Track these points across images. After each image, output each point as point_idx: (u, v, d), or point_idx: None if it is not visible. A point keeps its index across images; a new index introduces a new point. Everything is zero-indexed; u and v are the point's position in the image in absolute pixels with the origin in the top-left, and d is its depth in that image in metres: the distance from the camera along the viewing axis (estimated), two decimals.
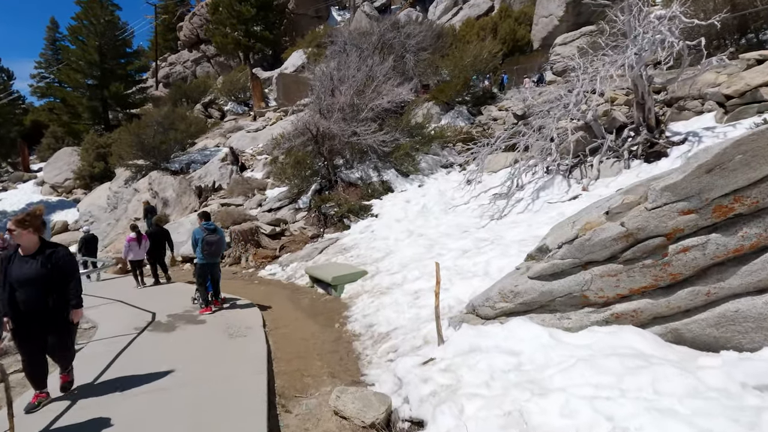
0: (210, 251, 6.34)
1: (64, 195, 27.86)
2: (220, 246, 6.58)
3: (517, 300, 3.69)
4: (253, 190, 16.34)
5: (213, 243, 6.35)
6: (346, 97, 13.11)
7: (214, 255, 6.44)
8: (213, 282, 6.62)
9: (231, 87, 31.77)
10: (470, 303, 4.30)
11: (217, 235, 6.45)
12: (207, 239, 6.28)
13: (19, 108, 42.79)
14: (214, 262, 6.50)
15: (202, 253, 6.32)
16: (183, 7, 54.66)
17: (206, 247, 6.29)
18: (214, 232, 6.42)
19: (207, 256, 6.34)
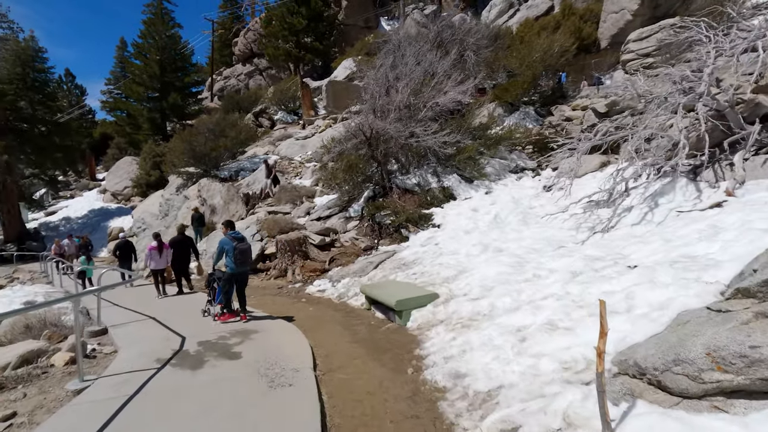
0: (242, 260, 6.23)
1: (122, 202, 28.81)
2: (249, 253, 6.51)
3: (752, 372, 2.11)
4: (301, 197, 15.45)
5: (244, 251, 6.24)
6: (403, 96, 11.87)
7: (245, 263, 6.33)
8: (240, 292, 6.44)
9: (281, 96, 31.79)
10: (631, 361, 2.74)
11: (246, 243, 6.38)
12: (239, 248, 6.17)
13: (90, 122, 45.81)
14: (244, 270, 6.41)
15: (234, 263, 6.17)
16: (238, 24, 56.83)
17: (239, 256, 6.15)
18: (243, 241, 6.32)
19: (240, 264, 6.21)
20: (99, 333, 6.09)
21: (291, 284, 9.42)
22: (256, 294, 8.87)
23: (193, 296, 8.86)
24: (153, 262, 9.10)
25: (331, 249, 10.57)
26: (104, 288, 6.25)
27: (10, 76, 22.14)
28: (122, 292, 9.71)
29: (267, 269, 10.95)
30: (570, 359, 3.23)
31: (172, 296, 9.12)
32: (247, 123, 24.83)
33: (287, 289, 9.08)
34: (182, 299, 8.88)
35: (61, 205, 30.57)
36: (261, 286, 9.75)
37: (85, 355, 5.02)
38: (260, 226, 13.06)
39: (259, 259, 11.23)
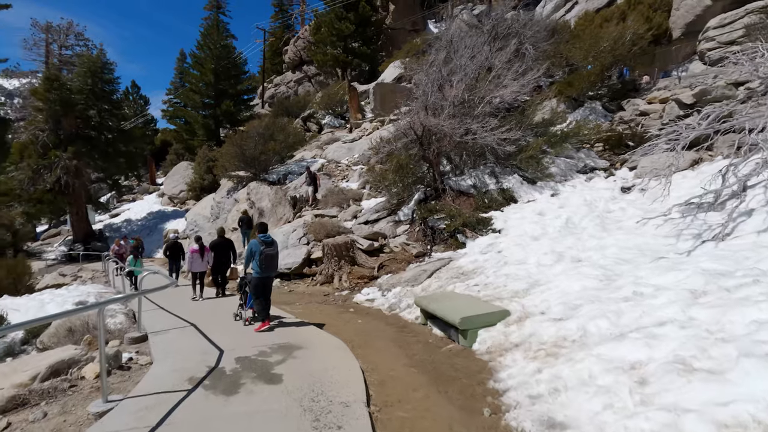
0: (268, 265, 6.09)
1: (178, 205, 30.00)
2: (276, 258, 6.35)
3: None
4: (348, 200, 14.97)
5: (271, 256, 6.12)
6: (458, 90, 11.01)
7: (272, 268, 6.22)
8: (266, 297, 6.25)
9: (329, 100, 31.86)
10: None
11: (274, 248, 6.23)
12: (266, 252, 6.03)
13: (152, 130, 48.71)
14: (269, 275, 6.26)
15: (260, 267, 6.02)
16: (289, 33, 58.43)
17: (265, 261, 6.02)
18: (271, 245, 6.17)
19: (265, 269, 6.07)
20: (139, 340, 5.76)
21: (338, 291, 8.82)
22: (301, 301, 8.35)
23: (233, 299, 8.60)
24: (193, 265, 9.23)
25: (379, 255, 9.89)
26: (144, 292, 5.92)
27: (81, 86, 23.68)
28: (168, 292, 9.61)
29: (313, 274, 10.47)
30: (733, 422, 2.27)
31: (211, 299, 9.18)
32: (295, 127, 24.93)
33: (334, 296, 8.49)
34: (222, 302, 8.72)
35: (124, 208, 32.42)
36: (307, 293, 9.25)
37: (119, 366, 4.64)
38: (307, 229, 12.67)
39: (305, 264, 10.79)
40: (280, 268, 10.91)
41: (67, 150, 22.13)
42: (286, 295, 9.23)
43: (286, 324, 6.32)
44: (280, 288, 10.07)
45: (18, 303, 8.37)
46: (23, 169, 21.64)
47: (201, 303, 8.84)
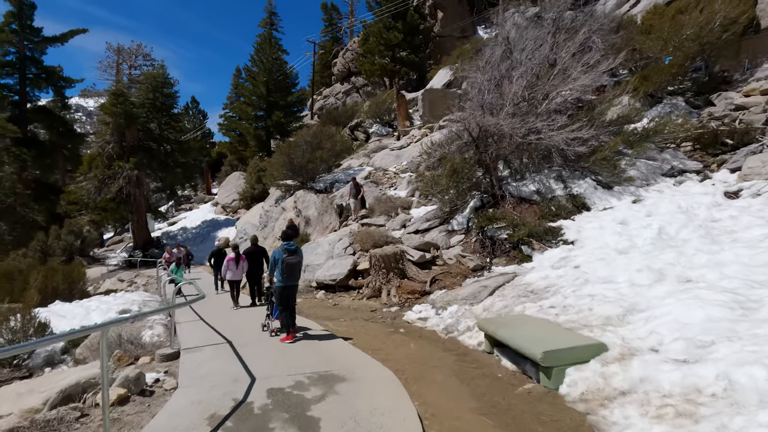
0: (289, 273, 5.94)
1: (230, 214, 30.78)
2: (298, 267, 6.16)
3: None
4: (397, 209, 14.20)
5: (293, 265, 5.96)
6: (519, 86, 9.95)
7: (291, 277, 6.03)
8: (290, 308, 6.04)
9: (376, 109, 31.57)
10: None
11: (296, 257, 6.04)
12: (288, 261, 5.88)
13: (209, 142, 51.14)
14: (292, 284, 6.07)
15: (282, 276, 5.90)
16: (338, 46, 59.51)
17: (286, 270, 5.89)
18: (294, 254, 6.00)
19: (286, 278, 5.94)
20: (171, 357, 5.25)
21: (386, 307, 7.99)
22: (346, 317, 7.61)
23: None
24: (230, 273, 9.29)
25: (431, 267, 8.97)
26: (172, 307, 5.43)
27: (144, 101, 24.98)
28: (211, 299, 9.64)
29: (359, 287, 9.74)
30: None
31: (246, 307, 9.14)
32: (342, 135, 24.73)
33: (381, 313, 7.66)
34: (256, 312, 8.31)
35: (181, 216, 33.84)
36: (353, 307, 8.50)
37: (140, 390, 4.08)
38: (353, 238, 12.03)
39: (351, 276, 10.10)
40: (325, 280, 10.32)
41: (129, 161, 23.30)
42: (330, 309, 8.55)
43: (323, 337, 5.61)
44: (324, 301, 9.42)
45: (66, 309, 8.35)
46: (91, 179, 23.01)
47: (238, 312, 8.78)
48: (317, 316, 7.92)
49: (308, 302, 9.53)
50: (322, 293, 10.08)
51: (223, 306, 9.26)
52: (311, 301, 9.57)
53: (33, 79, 31.86)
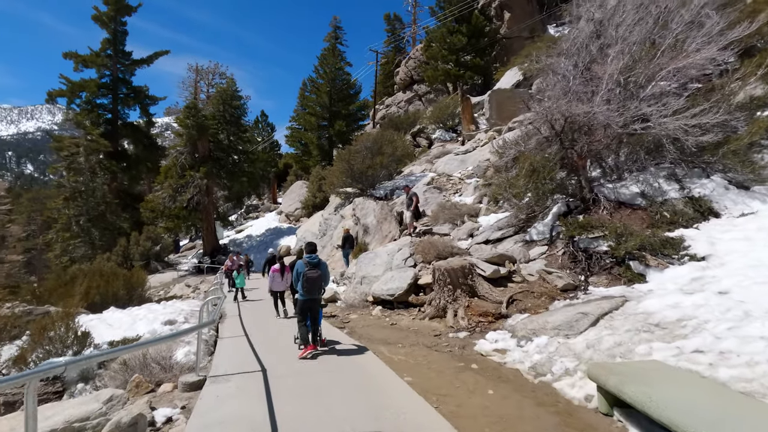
0: (308, 288, 5.82)
1: (293, 222, 31.09)
2: (318, 282, 5.94)
3: None
4: (462, 216, 12.78)
5: (311, 279, 5.80)
6: (614, 68, 8.18)
7: (312, 292, 5.88)
8: (312, 320, 5.94)
9: (439, 114, 30.34)
10: None
11: (317, 271, 5.86)
12: (308, 275, 5.77)
13: (276, 154, 53.09)
14: (312, 298, 5.92)
15: (302, 289, 5.84)
16: (400, 55, 59.34)
17: (306, 284, 5.79)
18: (315, 267, 5.85)
19: (306, 292, 5.84)
20: (195, 386, 4.40)
21: (452, 331, 6.65)
22: (405, 341, 6.40)
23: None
24: (273, 284, 9.21)
25: (507, 284, 7.48)
26: (185, 332, 4.55)
27: (214, 113, 26.03)
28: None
29: (420, 304, 8.48)
30: None
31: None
32: (404, 140, 23.79)
33: (447, 339, 6.34)
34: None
35: (247, 225, 34.95)
36: (413, 329, 7.27)
37: (151, 424, 3.18)
38: (414, 248, 10.83)
39: (412, 291, 8.88)
40: (382, 294, 9.21)
41: (200, 170, 24.24)
42: (386, 330, 7.38)
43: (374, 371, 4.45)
44: (381, 319, 8.29)
45: (115, 317, 8.09)
46: (165, 189, 24.25)
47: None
48: (371, 338, 6.80)
49: (363, 320, 8.45)
50: (378, 309, 8.97)
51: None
52: (366, 319, 8.48)
53: (123, 98, 34.97)
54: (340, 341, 6.41)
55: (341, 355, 5.55)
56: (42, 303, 9.67)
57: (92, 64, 33.41)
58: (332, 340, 6.43)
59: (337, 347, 6.04)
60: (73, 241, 29.85)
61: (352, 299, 10.58)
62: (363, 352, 5.66)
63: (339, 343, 6.26)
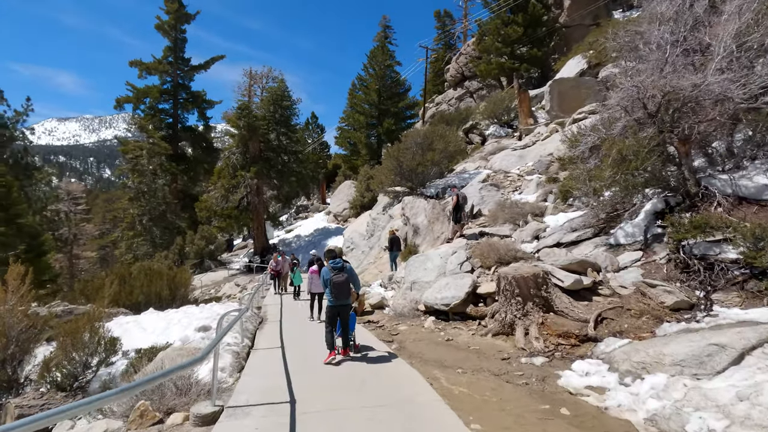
0: (336, 293, 5.61)
1: (341, 223, 30.69)
2: (346, 286, 5.67)
3: None
4: (525, 215, 11.34)
5: (338, 283, 5.59)
6: (732, 27, 6.49)
7: (340, 296, 5.65)
8: (342, 325, 5.73)
9: (494, 108, 28.57)
10: None
11: (343, 274, 5.65)
12: (334, 280, 5.60)
13: (326, 155, 53.46)
14: (341, 303, 5.68)
15: (330, 295, 5.65)
16: (450, 52, 57.67)
17: (333, 289, 5.60)
18: (340, 272, 5.65)
19: (335, 297, 5.63)
20: (206, 420, 3.58)
21: (525, 355, 5.40)
22: (465, 365, 5.24)
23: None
24: (312, 285, 8.91)
25: (592, 298, 6.08)
26: (188, 365, 3.66)
27: (265, 113, 26.18)
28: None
29: (481, 317, 7.28)
30: None
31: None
32: (456, 135, 22.45)
33: (519, 365, 5.11)
34: None
35: (296, 225, 35.13)
36: (473, 347, 6.09)
37: None
38: (471, 252, 9.61)
39: (470, 301, 7.69)
40: (435, 303, 8.09)
41: (250, 170, 24.38)
42: (441, 347, 6.26)
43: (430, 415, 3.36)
44: (434, 333, 7.18)
45: (150, 320, 7.67)
46: (218, 189, 24.67)
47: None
48: (423, 357, 5.72)
49: (414, 332, 7.39)
50: (431, 321, 7.86)
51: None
52: (417, 332, 7.40)
53: (183, 102, 36.48)
54: (378, 349, 5.92)
55: (386, 381, 4.54)
56: (88, 302, 9.58)
57: (155, 71, 35.15)
58: (366, 345, 6.31)
59: (379, 363, 5.08)
60: (136, 240, 31.43)
61: (401, 307, 9.56)
62: (414, 380, 4.60)
63: (373, 350, 6.02)
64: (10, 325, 5.55)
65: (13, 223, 16.99)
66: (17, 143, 24.86)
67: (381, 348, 6.17)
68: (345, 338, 5.76)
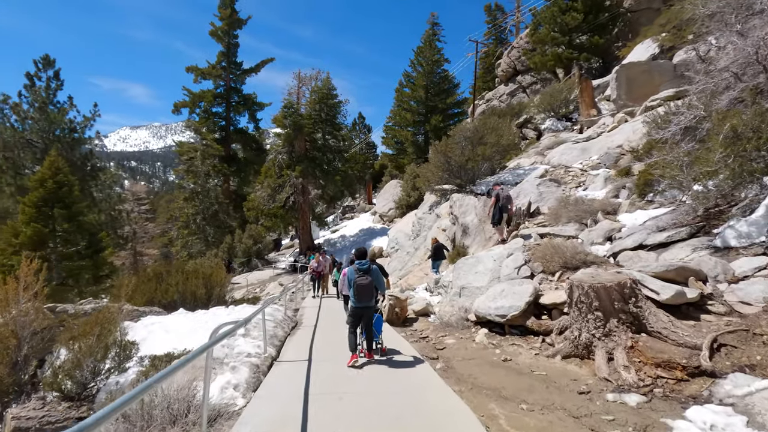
0: (359, 295, 5.50)
1: (386, 223, 29.88)
2: (369, 289, 5.51)
3: None
4: (594, 213, 9.82)
5: (361, 286, 5.46)
6: None
7: (363, 299, 5.51)
8: (366, 328, 5.61)
9: (551, 100, 26.46)
10: None
11: (367, 277, 5.48)
12: (357, 281, 5.46)
13: (372, 155, 53.05)
14: (363, 305, 5.54)
15: (354, 296, 5.55)
16: (501, 46, 55.26)
17: (356, 291, 5.49)
18: (364, 274, 5.49)
19: (357, 299, 5.52)
20: None
21: (611, 388, 4.15)
22: (531, 398, 4.09)
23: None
24: (345, 286, 7.97)
25: (699, 316, 4.68)
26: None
27: (310, 111, 25.98)
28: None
29: (545, 332, 6.03)
30: None
31: None
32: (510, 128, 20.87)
33: (604, 402, 3.88)
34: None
35: (342, 225, 34.80)
36: (538, 372, 4.90)
37: None
38: (530, 254, 8.33)
39: (530, 311, 6.45)
40: (488, 314, 6.93)
41: (295, 169, 24.21)
42: (497, 370, 5.12)
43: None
44: (487, 349, 6.03)
45: (177, 322, 7.16)
46: (264, 188, 24.74)
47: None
48: (475, 382, 4.63)
49: (463, 347, 6.28)
50: (483, 334, 6.70)
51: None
52: (467, 347, 6.28)
53: (235, 105, 37.50)
54: (417, 367, 4.72)
55: (426, 421, 3.52)
56: (127, 300, 9.38)
57: (209, 75, 36.38)
58: (392, 349, 6.01)
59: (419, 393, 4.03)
60: (190, 238, 32.57)
61: (448, 315, 8.46)
62: (463, 419, 3.54)
63: (411, 366, 5.27)
64: (23, 325, 5.15)
65: (75, 220, 17.72)
66: (85, 146, 26.42)
67: (425, 371, 5.15)
68: (369, 341, 5.62)
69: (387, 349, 5.95)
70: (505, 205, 10.65)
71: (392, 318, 8.90)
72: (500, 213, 10.69)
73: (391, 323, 8.83)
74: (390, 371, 4.97)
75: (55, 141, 24.71)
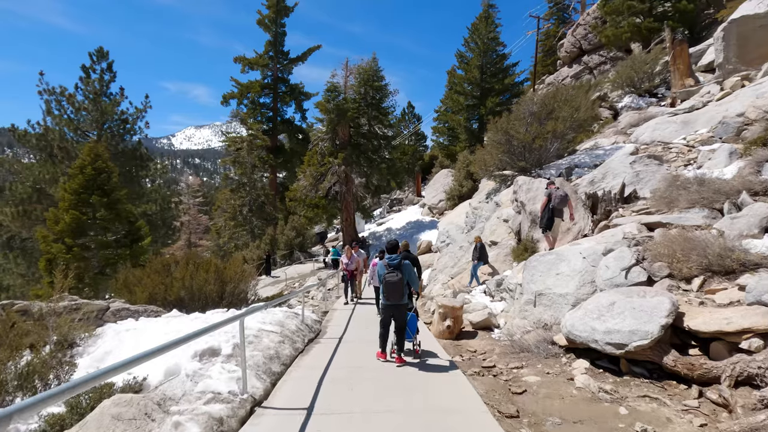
0: (387, 293, 5.06)
1: (436, 215, 27.52)
2: (398, 286, 5.01)
3: None
4: (733, 195, 6.99)
5: (390, 283, 5.01)
6: None
7: (392, 297, 5.05)
8: (398, 330, 5.16)
9: (631, 73, 22.68)
10: None
11: (396, 274, 5.02)
12: (386, 278, 5.03)
13: (422, 145, 50.62)
14: (393, 304, 5.08)
15: (382, 294, 5.17)
16: (564, 26, 50.44)
17: (384, 288, 5.08)
18: (394, 270, 5.04)
19: (385, 297, 5.12)
20: None
21: None
22: None
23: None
24: (375, 279, 7.87)
25: None
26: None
27: (355, 95, 24.21)
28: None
29: (703, 380, 3.58)
30: None
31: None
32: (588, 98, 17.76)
33: None
34: None
35: (389, 218, 32.85)
36: None
37: None
38: (641, 250, 5.81)
39: (666, 340, 4.01)
40: (594, 342, 4.56)
41: (338, 157, 22.56)
42: None
43: None
44: (596, 402, 3.68)
45: (154, 329, 5.46)
46: (306, 177, 23.37)
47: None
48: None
49: (554, 393, 3.98)
50: (583, 368, 4.35)
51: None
52: (562, 393, 3.97)
53: (282, 95, 36.75)
54: None
55: None
56: (129, 296, 8.02)
57: (256, 66, 35.83)
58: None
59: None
60: (237, 229, 32.24)
61: (519, 331, 6.16)
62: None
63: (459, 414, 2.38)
64: None
65: (113, 208, 17.19)
66: (135, 137, 26.54)
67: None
68: (400, 344, 5.13)
69: (420, 351, 5.44)
70: (558, 207, 8.21)
71: (442, 333, 6.73)
72: (551, 217, 8.33)
73: (440, 337, 6.67)
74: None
75: (106, 131, 24.93)
